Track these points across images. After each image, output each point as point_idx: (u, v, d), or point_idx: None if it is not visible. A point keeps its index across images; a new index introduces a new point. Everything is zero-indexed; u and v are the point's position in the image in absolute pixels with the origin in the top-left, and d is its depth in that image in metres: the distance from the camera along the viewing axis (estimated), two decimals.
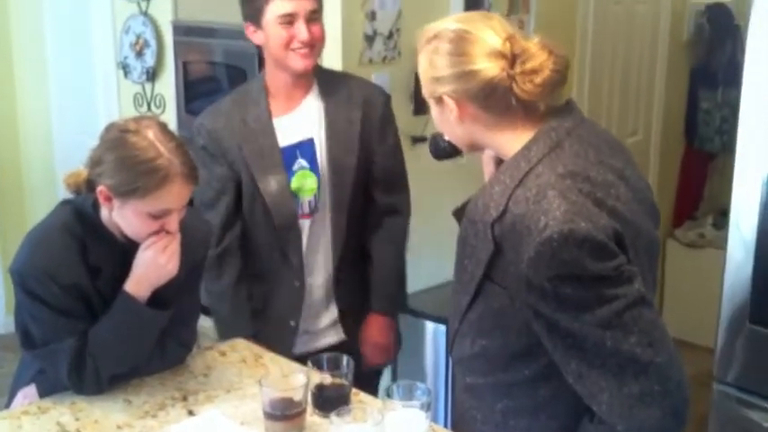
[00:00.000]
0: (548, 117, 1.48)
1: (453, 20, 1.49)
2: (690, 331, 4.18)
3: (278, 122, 2.25)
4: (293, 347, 2.34)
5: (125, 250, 1.81)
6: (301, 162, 2.25)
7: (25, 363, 1.97)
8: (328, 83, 2.27)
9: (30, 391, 1.90)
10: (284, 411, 1.69)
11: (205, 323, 2.28)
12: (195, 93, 3.50)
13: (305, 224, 2.30)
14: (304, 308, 2.34)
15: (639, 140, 4.22)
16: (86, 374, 1.79)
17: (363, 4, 2.93)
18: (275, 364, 2.03)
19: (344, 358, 1.82)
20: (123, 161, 1.70)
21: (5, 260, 4.33)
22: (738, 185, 2.26)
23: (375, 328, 2.43)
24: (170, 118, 3.56)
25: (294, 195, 2.26)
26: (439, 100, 1.49)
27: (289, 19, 2.12)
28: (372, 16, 2.95)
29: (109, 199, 1.73)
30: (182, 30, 3.46)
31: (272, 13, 2.13)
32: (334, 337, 2.40)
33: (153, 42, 3.62)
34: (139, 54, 3.68)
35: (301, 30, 2.13)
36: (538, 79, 1.41)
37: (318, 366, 1.81)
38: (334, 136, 2.24)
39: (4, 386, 1.99)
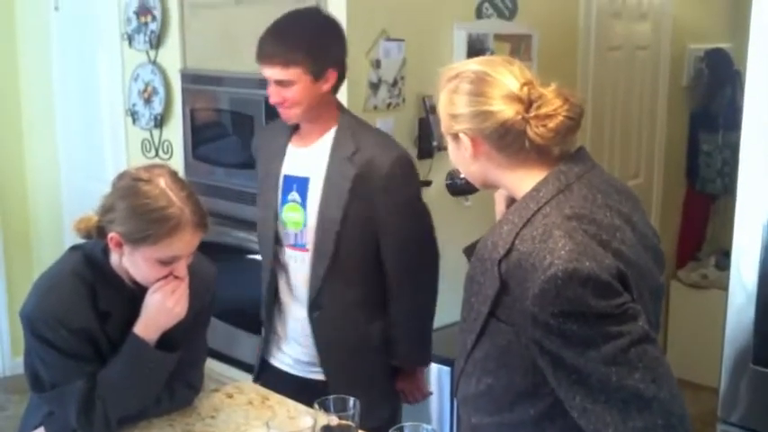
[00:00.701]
0: (560, 161, 1.52)
1: (475, 62, 1.55)
2: (693, 371, 4.17)
3: (291, 151, 2.36)
4: (263, 351, 2.45)
5: (134, 295, 1.85)
6: (295, 195, 2.34)
7: (33, 406, 1.99)
8: (345, 131, 2.31)
9: None
10: None
11: (210, 365, 2.30)
12: (202, 138, 3.55)
13: (292, 255, 2.36)
14: (279, 322, 2.42)
15: (641, 183, 4.26)
16: (95, 417, 1.81)
17: (368, 52, 2.99)
18: (282, 405, 2.05)
19: (351, 400, 1.84)
20: (135, 209, 1.74)
21: (12, 305, 4.38)
22: (739, 229, 2.28)
23: (402, 381, 2.49)
24: (177, 163, 3.60)
25: (283, 224, 2.35)
26: (455, 137, 1.54)
27: (267, 82, 2.25)
28: (377, 64, 3.01)
29: (120, 245, 1.77)
30: (190, 78, 3.52)
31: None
32: (318, 374, 2.39)
33: (161, 90, 3.68)
34: (148, 101, 3.75)
35: (271, 92, 2.25)
36: (551, 124, 1.45)
37: (325, 408, 1.83)
38: (326, 184, 2.30)
39: (10, 428, 2.00)
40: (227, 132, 3.44)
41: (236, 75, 3.30)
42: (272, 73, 2.20)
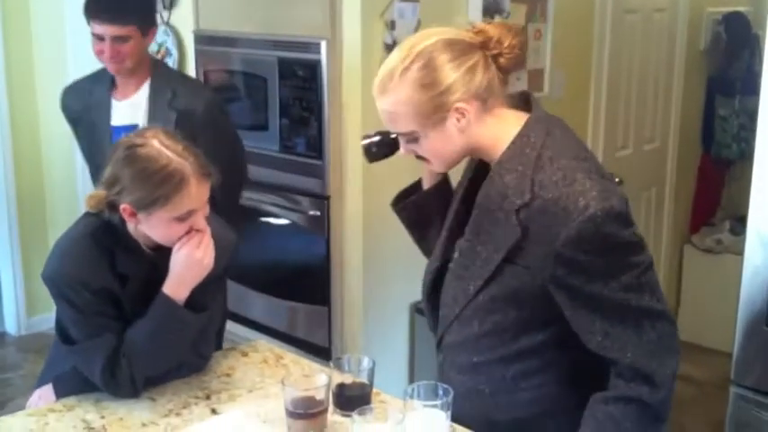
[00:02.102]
0: (518, 107, 1.60)
1: (418, 39, 1.54)
2: (706, 336, 4.18)
3: (113, 104, 2.73)
4: None
5: (153, 261, 1.85)
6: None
7: (53, 362, 2.01)
8: (159, 82, 2.70)
9: (46, 391, 1.94)
10: (306, 410, 1.72)
11: (230, 327, 2.31)
12: None
13: None
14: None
15: (656, 148, 4.23)
16: (120, 374, 1.82)
17: (383, 13, 2.96)
18: (296, 364, 2.06)
19: (365, 359, 1.85)
20: (138, 175, 1.74)
21: (26, 265, 4.41)
22: (757, 190, 2.28)
23: None
24: None
25: None
26: (442, 119, 1.52)
27: (99, 38, 2.60)
28: (392, 25, 2.99)
29: (133, 214, 1.77)
30: (203, 39, 3.51)
31: (91, 28, 2.61)
32: None
33: (174, 51, 3.67)
34: None
35: (106, 48, 2.60)
36: (516, 47, 1.53)
37: (339, 367, 1.84)
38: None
39: (25, 386, 2.02)
40: (240, 94, 3.43)
41: (249, 36, 3.28)
42: (110, 30, 2.56)
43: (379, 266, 3.14)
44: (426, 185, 1.84)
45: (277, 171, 3.26)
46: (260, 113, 3.29)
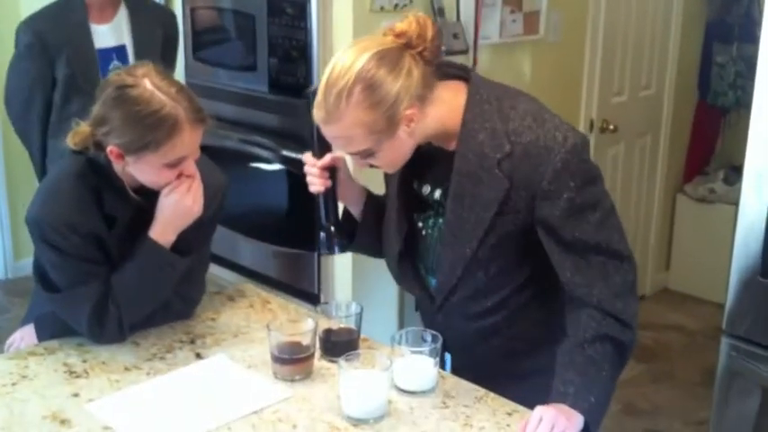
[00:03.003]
0: (447, 74, 1.62)
1: (354, 59, 1.50)
2: (697, 286, 4.19)
3: (94, 28, 2.82)
4: None
5: (140, 202, 1.80)
6: (116, 63, 2.85)
7: (36, 303, 1.96)
8: (131, 4, 2.89)
9: (27, 332, 1.90)
10: (292, 355, 1.69)
11: (211, 269, 2.27)
12: (203, 40, 3.46)
13: None
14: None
15: (652, 94, 4.17)
16: (108, 321, 1.78)
17: None
18: (283, 309, 2.03)
19: (353, 304, 1.82)
20: (129, 118, 1.67)
21: (13, 207, 4.35)
22: (754, 139, 2.23)
23: None
24: (178, 65, 3.52)
25: None
26: (394, 129, 1.53)
27: None
28: None
29: (121, 156, 1.70)
30: None
31: None
32: None
33: None
34: None
35: None
36: (434, 40, 1.53)
37: (326, 312, 1.81)
38: (139, 45, 2.86)
39: (11, 330, 1.98)
40: (228, 33, 3.34)
41: None
42: None
43: None
44: (357, 208, 1.85)
45: (265, 112, 3.19)
46: (248, 53, 3.21)
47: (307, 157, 1.75)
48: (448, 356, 1.83)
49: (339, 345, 1.74)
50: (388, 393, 1.60)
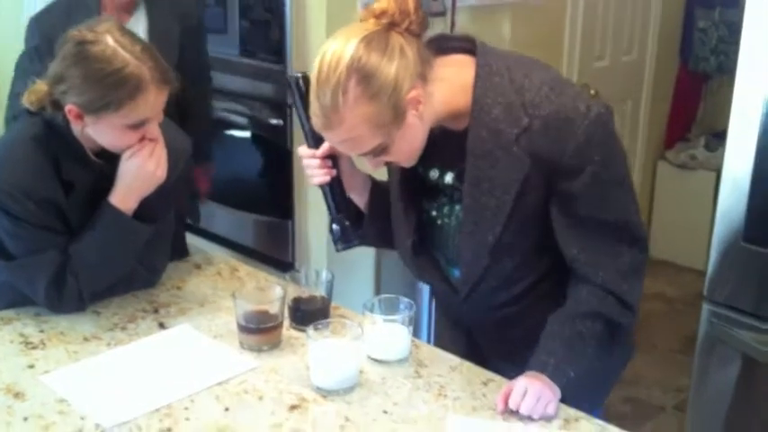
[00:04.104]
0: (447, 48, 1.49)
1: (340, 50, 1.36)
2: (677, 252, 4.16)
3: None
4: None
5: (100, 167, 1.71)
6: None
7: None
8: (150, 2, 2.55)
9: None
10: (259, 324, 1.62)
11: (193, 241, 2.20)
12: None
13: None
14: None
15: (634, 59, 4.11)
16: (66, 290, 1.71)
17: None
18: (252, 277, 1.96)
19: (324, 272, 1.75)
20: (89, 76, 1.57)
21: None
22: (738, 101, 2.18)
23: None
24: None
25: None
26: (402, 117, 1.39)
27: None
28: None
29: (80, 117, 1.61)
30: None
31: None
32: None
33: None
34: None
35: None
36: (417, 14, 1.40)
37: (296, 280, 1.74)
38: (156, 43, 2.33)
39: None
40: None
41: None
42: None
43: None
44: (363, 197, 1.69)
45: (236, 77, 3.10)
46: (218, 15, 3.11)
47: (302, 150, 1.60)
48: (425, 324, 1.77)
49: (309, 313, 1.68)
50: (360, 363, 1.54)
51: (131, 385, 1.51)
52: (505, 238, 1.51)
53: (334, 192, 1.62)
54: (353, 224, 1.64)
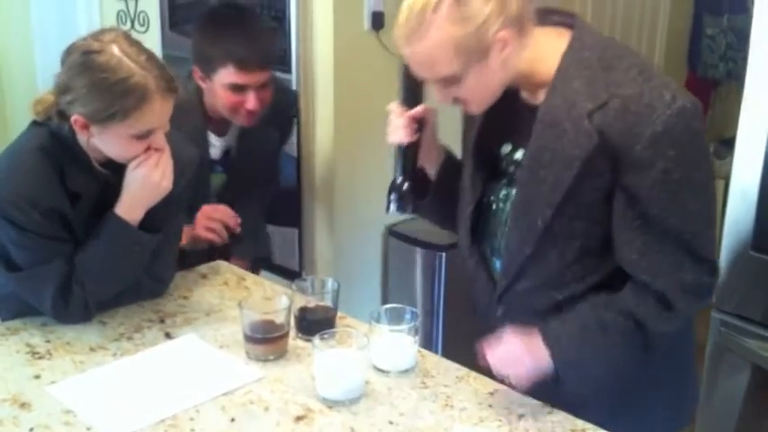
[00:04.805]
0: (549, 21, 1.47)
1: None
2: None
3: (212, 139, 2.28)
4: None
5: (105, 178, 1.71)
6: (218, 168, 2.33)
7: None
8: None
9: None
10: (265, 334, 1.62)
11: None
12: (180, 10, 3.35)
13: None
14: None
15: None
16: (72, 300, 1.71)
17: None
18: (258, 286, 1.96)
19: (330, 281, 1.75)
20: (94, 86, 1.57)
21: None
22: (746, 111, 2.17)
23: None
24: (154, 36, 3.42)
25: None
26: (485, 53, 1.37)
27: (240, 88, 2.12)
28: None
29: (86, 127, 1.61)
30: None
31: (223, 77, 2.10)
32: None
33: None
34: None
35: (251, 100, 2.13)
36: None
37: (302, 289, 1.73)
38: (246, 149, 2.33)
39: None
40: (206, 3, 3.23)
41: None
42: (257, 77, 2.12)
43: (351, 188, 3.02)
44: (433, 169, 1.67)
45: None
46: None
47: (394, 106, 1.59)
48: (439, 336, 1.75)
49: (315, 323, 1.67)
50: (365, 373, 1.53)
51: (137, 396, 1.51)
52: (556, 226, 1.44)
53: (407, 155, 1.61)
54: (413, 193, 1.62)
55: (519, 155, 1.52)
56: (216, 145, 2.28)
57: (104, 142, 1.65)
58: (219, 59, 2.08)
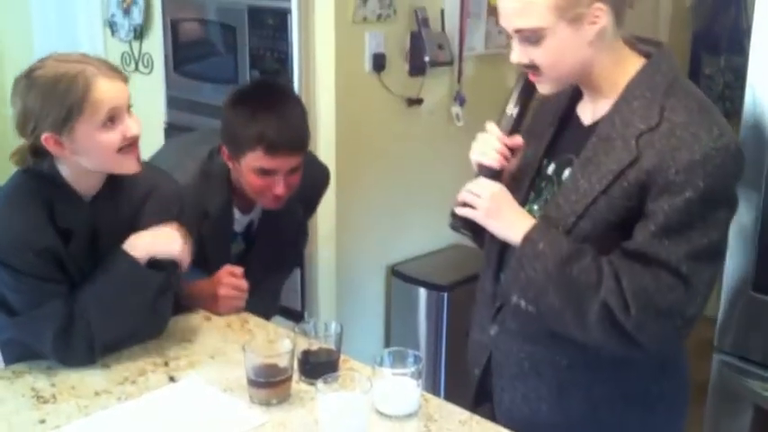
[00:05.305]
0: (635, 47, 1.52)
1: None
2: None
3: (237, 215, 2.23)
4: None
5: (94, 212, 1.74)
6: (238, 238, 2.29)
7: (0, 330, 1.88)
8: None
9: None
10: (269, 378, 1.62)
11: None
12: (185, 52, 3.40)
13: None
14: None
15: None
16: (76, 341, 1.71)
17: None
18: (262, 329, 1.96)
19: (333, 324, 1.75)
20: (43, 96, 1.62)
21: None
22: (745, 149, 2.18)
23: None
24: (158, 78, 3.46)
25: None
26: (578, 17, 1.40)
27: (268, 172, 2.04)
28: None
29: (59, 143, 1.64)
30: None
31: (252, 161, 2.03)
32: None
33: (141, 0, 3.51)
34: (127, 11, 3.58)
35: (279, 185, 2.05)
36: None
37: (305, 332, 1.74)
38: (268, 222, 2.27)
39: None
40: (209, 45, 3.28)
41: None
42: (290, 162, 2.04)
43: (353, 228, 3.04)
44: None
45: None
46: (229, 65, 3.15)
47: (493, 127, 1.56)
48: (442, 375, 1.76)
49: (318, 366, 1.68)
50: (369, 417, 1.53)
51: None
52: (571, 237, 1.46)
53: (487, 177, 1.56)
54: None
55: (551, 169, 1.56)
56: (240, 222, 2.25)
57: (83, 149, 1.66)
58: (249, 143, 2.00)
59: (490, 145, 1.54)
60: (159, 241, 1.77)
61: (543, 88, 1.51)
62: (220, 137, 2.11)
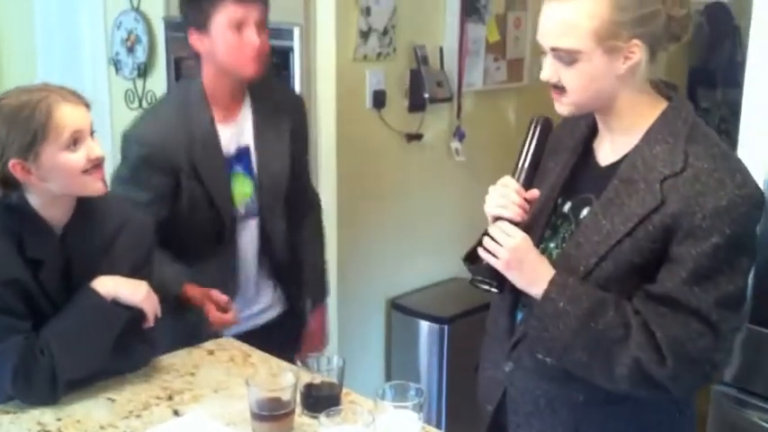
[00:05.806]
0: (656, 87, 1.53)
1: None
2: None
3: (220, 130, 2.19)
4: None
5: (64, 241, 1.76)
6: (237, 168, 2.23)
7: None
8: (257, 92, 2.25)
9: None
10: (272, 412, 1.64)
11: None
12: None
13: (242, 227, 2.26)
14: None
15: None
16: (37, 377, 1.70)
17: None
18: (264, 363, 1.98)
19: (335, 358, 1.78)
20: (9, 124, 1.66)
21: None
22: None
23: (319, 319, 2.54)
24: None
25: (232, 200, 2.22)
26: (614, 49, 1.42)
27: (238, 24, 2.07)
28: (367, 12, 2.91)
29: (25, 169, 1.68)
30: (173, 25, 3.40)
31: (221, 18, 2.06)
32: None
33: (144, 38, 3.57)
34: (131, 50, 3.63)
35: (252, 36, 2.08)
36: (685, 11, 1.46)
37: (308, 366, 1.76)
38: (264, 146, 2.26)
39: None
40: None
41: None
42: (256, 11, 2.08)
43: (353, 262, 3.07)
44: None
45: None
46: None
47: (510, 181, 1.56)
48: (444, 408, 1.76)
49: (320, 400, 1.69)
50: None
51: None
52: (591, 280, 1.47)
53: None
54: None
55: (567, 208, 1.58)
56: (228, 138, 2.20)
57: (48, 174, 1.69)
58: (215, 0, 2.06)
59: (510, 199, 1.54)
60: (125, 286, 1.79)
61: (562, 109, 1.53)
62: (185, 24, 2.16)
